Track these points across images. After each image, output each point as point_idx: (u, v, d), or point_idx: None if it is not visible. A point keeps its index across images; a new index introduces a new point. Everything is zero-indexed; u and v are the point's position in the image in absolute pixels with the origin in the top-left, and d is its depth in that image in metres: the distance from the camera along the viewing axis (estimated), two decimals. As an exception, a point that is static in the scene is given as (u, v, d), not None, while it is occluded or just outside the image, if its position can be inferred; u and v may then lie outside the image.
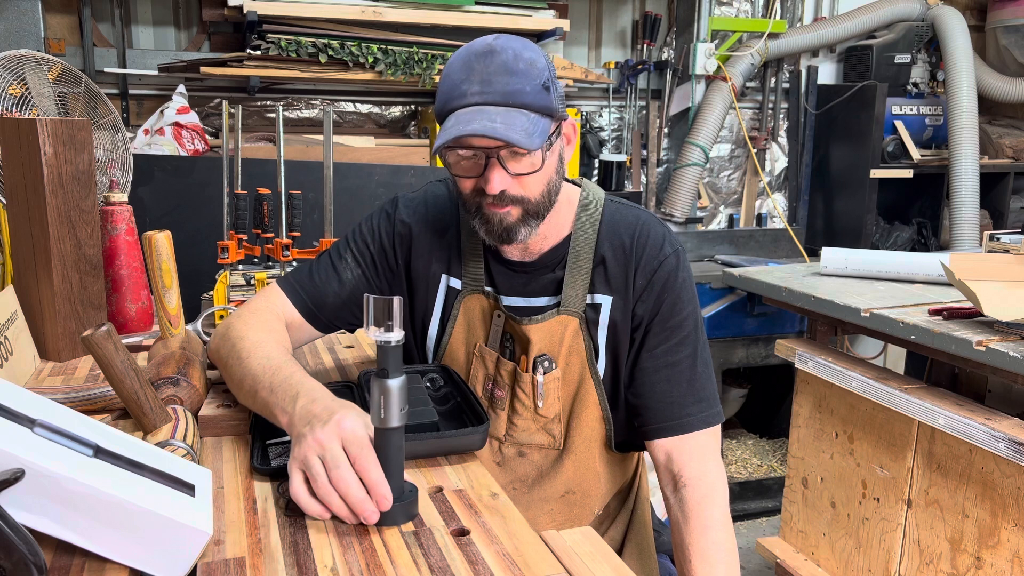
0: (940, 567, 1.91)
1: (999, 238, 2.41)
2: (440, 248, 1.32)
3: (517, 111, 1.11)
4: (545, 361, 1.26)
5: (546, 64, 1.15)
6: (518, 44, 1.14)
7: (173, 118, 2.91)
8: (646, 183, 3.98)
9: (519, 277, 1.29)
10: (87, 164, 1.53)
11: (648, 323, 1.25)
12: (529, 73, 1.12)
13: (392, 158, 3.10)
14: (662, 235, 1.27)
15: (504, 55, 1.11)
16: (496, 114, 1.10)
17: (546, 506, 1.31)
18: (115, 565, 0.82)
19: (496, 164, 1.13)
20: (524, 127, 1.10)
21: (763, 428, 3.85)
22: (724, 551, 1.20)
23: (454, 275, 1.31)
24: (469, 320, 1.31)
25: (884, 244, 4.00)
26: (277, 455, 1.10)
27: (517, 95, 1.11)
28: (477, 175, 1.15)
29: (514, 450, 1.32)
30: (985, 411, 1.80)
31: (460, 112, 1.11)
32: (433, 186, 1.38)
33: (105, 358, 1.01)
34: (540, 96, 1.12)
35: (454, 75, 1.13)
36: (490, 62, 1.11)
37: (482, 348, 1.30)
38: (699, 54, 3.65)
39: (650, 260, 1.25)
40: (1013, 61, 4.06)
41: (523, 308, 1.28)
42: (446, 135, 1.10)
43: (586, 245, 1.26)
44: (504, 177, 1.14)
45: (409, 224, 1.32)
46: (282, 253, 1.85)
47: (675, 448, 1.25)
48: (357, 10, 3.03)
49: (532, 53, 1.14)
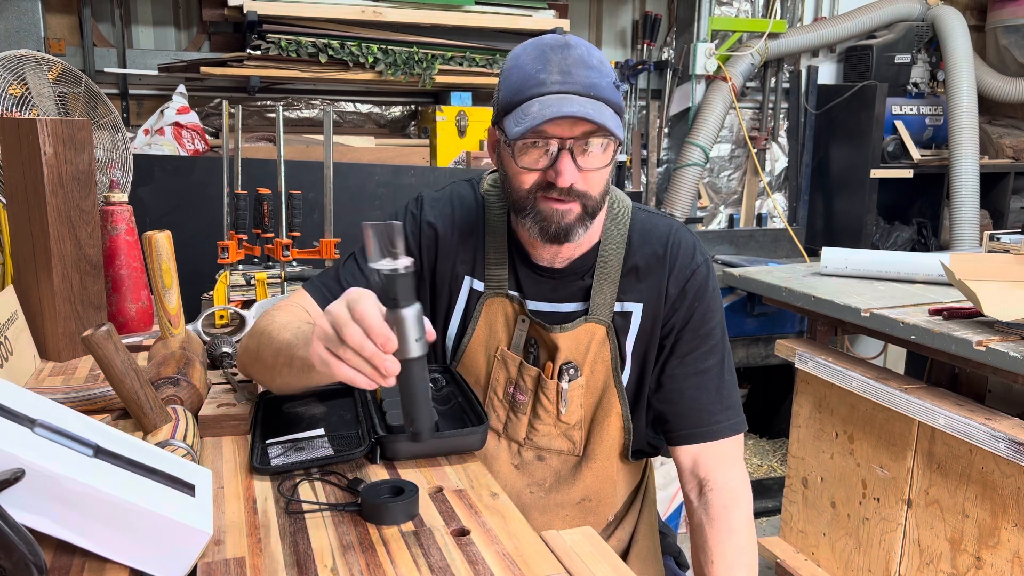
0: (940, 567, 1.91)
1: (999, 238, 2.41)
2: (465, 250, 1.29)
3: (600, 102, 1.10)
4: (571, 368, 1.25)
5: (611, 67, 1.16)
6: (587, 43, 1.16)
7: (173, 118, 2.91)
8: (646, 183, 3.98)
9: (547, 283, 1.27)
10: (87, 164, 1.53)
11: (680, 331, 1.26)
12: (603, 69, 1.12)
13: (392, 158, 3.10)
14: (693, 244, 1.28)
15: (579, 49, 1.12)
16: (584, 102, 1.09)
17: (562, 511, 1.31)
18: (115, 565, 0.82)
19: (567, 156, 1.11)
20: (611, 117, 1.10)
21: (763, 428, 3.85)
22: (747, 555, 1.23)
23: (477, 277, 1.29)
24: (491, 323, 1.30)
25: (884, 244, 4.00)
26: (277, 455, 1.10)
27: (596, 88, 1.10)
28: (544, 167, 1.13)
29: (533, 454, 1.31)
30: (985, 411, 1.80)
31: (542, 99, 1.09)
32: (458, 186, 1.35)
33: (105, 358, 1.01)
34: (614, 93, 1.13)
35: (527, 65, 1.12)
36: (567, 54, 1.11)
37: (504, 352, 1.29)
38: (699, 54, 3.65)
39: (683, 269, 1.25)
40: (1013, 61, 4.06)
41: (550, 314, 1.27)
42: (532, 119, 1.08)
43: (615, 254, 1.26)
44: (574, 171, 1.12)
45: (435, 225, 1.30)
46: (282, 253, 1.85)
47: (702, 454, 1.27)
48: (357, 10, 3.03)
49: (601, 54, 1.15)
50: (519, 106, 1.10)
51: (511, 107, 1.12)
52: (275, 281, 1.86)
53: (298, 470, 1.06)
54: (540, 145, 1.11)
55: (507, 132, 1.12)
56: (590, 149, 1.12)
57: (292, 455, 1.09)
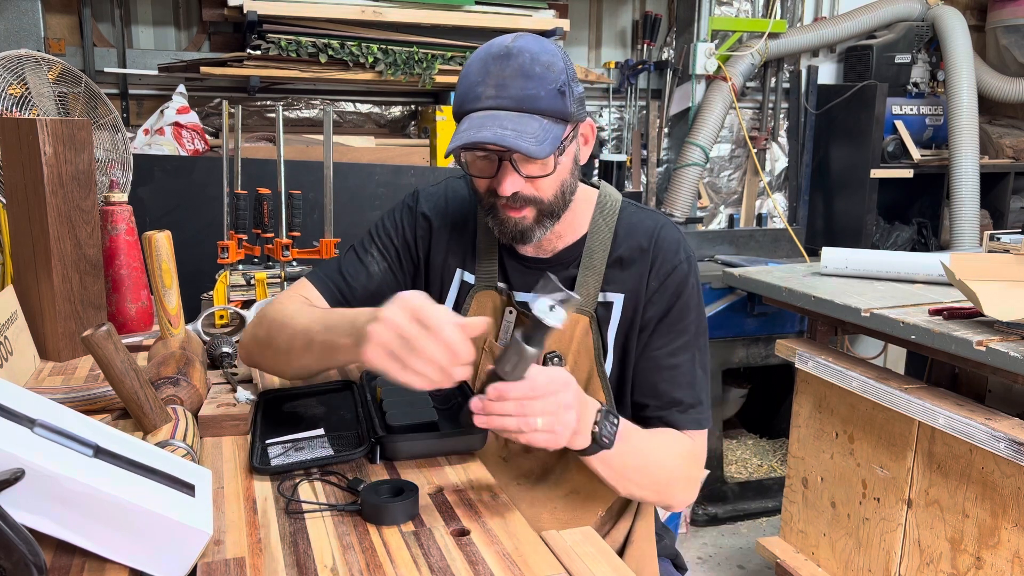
0: (940, 567, 1.91)
1: (999, 238, 2.41)
2: (457, 242, 1.33)
3: (530, 116, 1.12)
4: (555, 358, 1.26)
5: (564, 67, 1.15)
6: (536, 47, 1.14)
7: (173, 118, 2.91)
8: (646, 183, 3.98)
9: (533, 274, 1.29)
10: (87, 164, 1.53)
11: (656, 324, 1.27)
12: (545, 77, 1.12)
13: (392, 158, 3.10)
14: (677, 241, 1.29)
15: (521, 58, 1.12)
16: (508, 120, 1.10)
17: (550, 504, 1.32)
18: (115, 565, 0.82)
19: (508, 167, 1.14)
20: (535, 133, 1.10)
21: (763, 428, 3.85)
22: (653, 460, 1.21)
23: (468, 270, 1.33)
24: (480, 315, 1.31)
25: (884, 244, 4.00)
26: (277, 455, 1.10)
27: (531, 100, 1.11)
28: (491, 175, 1.17)
29: (520, 446, 1.32)
30: (985, 411, 1.80)
31: (474, 115, 1.12)
32: (453, 181, 1.39)
33: (105, 358, 1.01)
34: (554, 101, 1.13)
35: (471, 76, 1.15)
36: (506, 65, 1.12)
37: (492, 344, 1.31)
38: (699, 54, 3.65)
39: (665, 264, 1.27)
40: (1013, 61, 4.06)
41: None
42: (458, 139, 1.12)
43: (601, 246, 1.28)
44: (516, 180, 1.15)
45: (429, 217, 1.34)
46: (282, 253, 1.85)
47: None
48: (357, 10, 3.03)
49: (550, 56, 1.14)
50: (460, 119, 1.15)
51: (456, 118, 1.17)
52: (275, 281, 1.86)
53: (298, 470, 1.07)
54: (485, 155, 1.16)
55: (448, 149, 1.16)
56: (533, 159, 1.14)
57: (292, 455, 1.09)
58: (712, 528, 3.24)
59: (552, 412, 0.99)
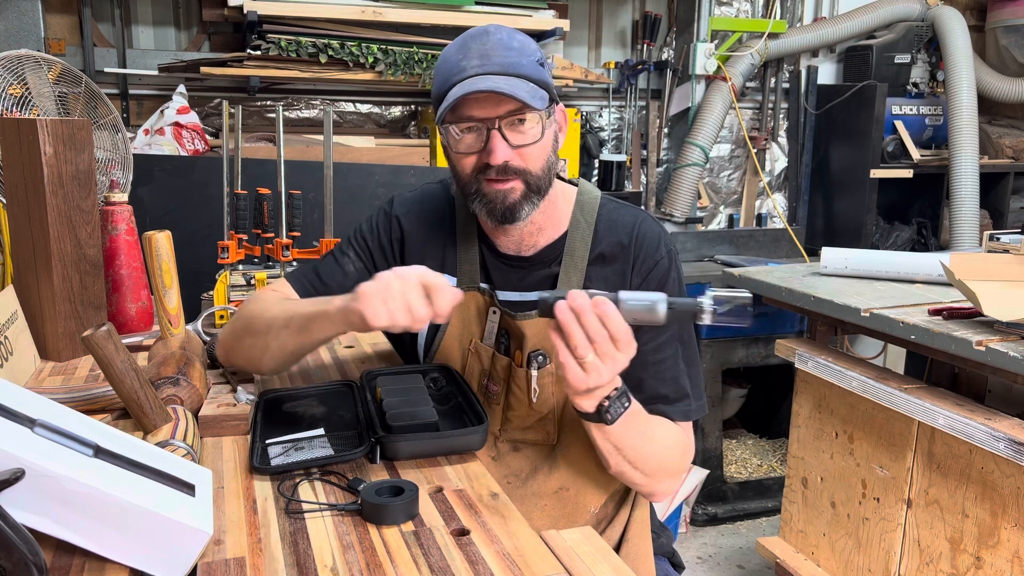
0: (940, 567, 1.91)
1: (999, 238, 2.41)
2: (434, 245, 1.34)
3: (517, 79, 1.15)
4: (539, 356, 1.27)
5: (537, 49, 1.21)
6: (509, 30, 1.20)
7: (173, 118, 2.91)
8: (646, 183, 3.98)
9: (515, 272, 1.30)
10: (87, 164, 1.53)
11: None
12: (524, 50, 1.17)
13: (392, 158, 3.10)
14: (658, 235, 1.30)
15: (499, 35, 1.18)
16: (499, 79, 1.13)
17: (540, 501, 1.32)
18: (115, 565, 0.82)
19: (497, 136, 1.16)
20: (527, 90, 1.14)
21: (763, 428, 3.85)
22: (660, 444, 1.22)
23: (449, 272, 1.32)
24: (464, 317, 1.33)
25: (884, 244, 4.00)
26: (277, 455, 1.10)
27: (516, 66, 1.16)
28: (478, 150, 1.18)
29: (509, 445, 1.33)
30: (985, 411, 1.80)
31: (462, 83, 1.14)
32: (429, 186, 1.41)
33: (105, 358, 1.01)
34: (537, 69, 1.17)
35: (451, 57, 1.18)
36: (486, 40, 1.17)
37: (477, 344, 1.32)
38: (699, 54, 3.65)
39: (647, 259, 1.28)
40: (1013, 61, 4.06)
41: (518, 303, 1.30)
42: (450, 99, 1.13)
43: (582, 242, 1.28)
44: (506, 148, 1.16)
45: (402, 222, 1.36)
46: (282, 253, 1.85)
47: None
48: (357, 10, 3.03)
49: (523, 37, 1.20)
50: (446, 94, 1.16)
51: (440, 97, 1.18)
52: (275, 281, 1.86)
53: (298, 470, 1.07)
54: (473, 129, 1.17)
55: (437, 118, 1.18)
56: (521, 126, 1.17)
57: (292, 455, 1.09)
58: (712, 528, 3.24)
59: (607, 363, 1.01)
